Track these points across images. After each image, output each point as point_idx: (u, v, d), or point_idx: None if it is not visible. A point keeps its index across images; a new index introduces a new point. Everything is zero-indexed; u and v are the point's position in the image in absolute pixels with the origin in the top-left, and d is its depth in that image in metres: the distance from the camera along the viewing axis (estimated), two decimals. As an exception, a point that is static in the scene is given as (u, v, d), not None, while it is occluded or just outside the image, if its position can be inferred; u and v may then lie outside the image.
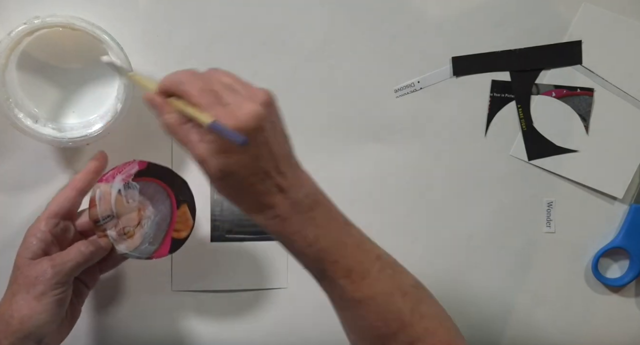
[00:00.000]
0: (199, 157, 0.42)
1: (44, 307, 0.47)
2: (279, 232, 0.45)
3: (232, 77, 0.45)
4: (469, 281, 0.71)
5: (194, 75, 0.45)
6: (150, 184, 0.54)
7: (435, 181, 0.70)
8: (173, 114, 0.43)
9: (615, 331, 0.74)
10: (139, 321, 0.66)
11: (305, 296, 0.68)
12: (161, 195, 0.55)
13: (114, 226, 0.52)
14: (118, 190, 0.52)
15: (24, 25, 0.55)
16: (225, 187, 0.44)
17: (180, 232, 0.55)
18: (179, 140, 0.43)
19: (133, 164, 0.53)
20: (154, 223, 0.54)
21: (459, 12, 0.68)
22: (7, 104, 0.56)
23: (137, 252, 0.54)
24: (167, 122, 0.43)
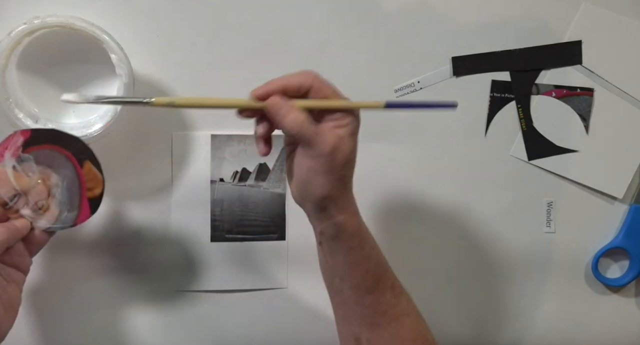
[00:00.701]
0: (335, 142, 0.46)
1: None
2: (357, 227, 0.49)
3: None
4: (469, 281, 0.71)
5: (304, 73, 0.48)
6: (43, 151, 0.51)
7: (435, 181, 0.70)
8: (303, 112, 0.46)
9: (615, 331, 0.74)
10: (139, 321, 0.66)
11: (305, 296, 0.68)
12: (59, 159, 0.51)
13: (25, 204, 0.50)
14: (12, 167, 0.50)
15: (24, 25, 0.55)
16: (345, 171, 0.47)
17: (94, 190, 0.52)
18: (310, 134, 0.45)
19: (16, 135, 0.50)
20: (65, 189, 0.52)
21: (459, 12, 0.68)
22: (7, 104, 0.56)
23: (59, 223, 0.51)
24: (300, 118, 0.45)
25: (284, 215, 0.67)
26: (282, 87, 0.46)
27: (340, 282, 0.50)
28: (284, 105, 0.46)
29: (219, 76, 0.66)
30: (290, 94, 0.47)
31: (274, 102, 0.46)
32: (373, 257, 0.50)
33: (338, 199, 0.48)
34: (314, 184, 0.47)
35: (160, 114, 0.65)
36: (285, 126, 0.46)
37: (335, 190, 0.47)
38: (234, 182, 0.67)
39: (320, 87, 0.47)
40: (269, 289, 0.68)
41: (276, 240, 0.68)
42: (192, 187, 0.66)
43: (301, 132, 0.45)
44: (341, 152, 0.46)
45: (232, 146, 0.66)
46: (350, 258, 0.49)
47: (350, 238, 0.49)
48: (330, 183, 0.47)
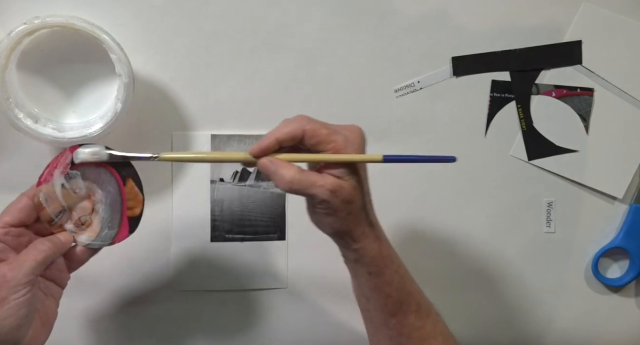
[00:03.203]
0: (332, 186, 0.46)
1: (8, 312, 0.45)
2: (378, 253, 0.49)
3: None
4: (469, 281, 0.71)
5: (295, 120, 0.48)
6: (90, 168, 0.51)
7: (435, 181, 0.70)
8: (294, 167, 0.46)
9: (615, 331, 0.74)
10: (139, 321, 0.66)
11: (305, 296, 0.68)
12: (104, 175, 0.52)
13: (69, 219, 0.51)
14: (61, 185, 0.50)
15: (24, 25, 0.55)
16: (353, 206, 0.47)
17: (134, 210, 0.53)
18: (304, 187, 0.46)
19: (65, 153, 0.51)
20: (107, 206, 0.52)
21: (459, 12, 0.68)
22: (7, 104, 0.56)
23: (99, 240, 0.51)
24: (288, 175, 0.46)
25: (284, 215, 0.67)
26: (274, 141, 0.47)
27: (367, 303, 0.51)
28: (271, 164, 0.47)
29: (219, 76, 0.66)
30: (286, 144, 0.47)
31: (262, 164, 0.47)
32: (395, 282, 0.50)
33: (352, 231, 0.48)
34: (323, 223, 0.48)
35: (160, 114, 0.65)
36: (277, 185, 0.47)
37: (346, 225, 0.48)
38: (234, 182, 0.67)
39: (313, 131, 0.47)
40: (269, 289, 0.68)
41: (276, 240, 0.68)
42: (192, 187, 0.66)
43: (293, 189, 0.46)
44: (341, 192, 0.46)
45: (232, 146, 0.66)
46: (370, 283, 0.50)
47: (369, 264, 0.49)
48: (338, 221, 0.47)
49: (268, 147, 0.47)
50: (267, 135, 0.47)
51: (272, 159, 0.47)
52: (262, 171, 0.47)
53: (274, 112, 0.67)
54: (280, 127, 0.47)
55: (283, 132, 0.47)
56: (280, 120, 0.66)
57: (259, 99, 0.66)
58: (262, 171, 0.47)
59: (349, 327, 0.69)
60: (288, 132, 0.47)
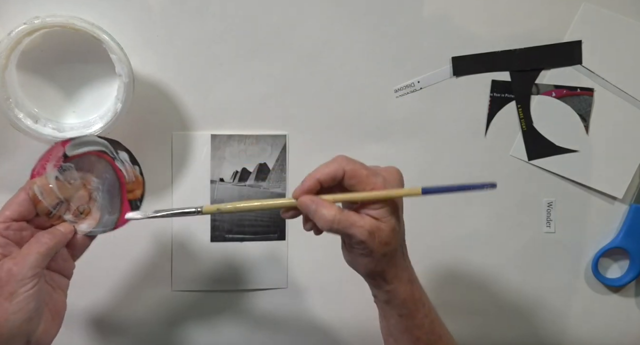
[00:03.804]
0: (370, 228, 0.46)
1: (17, 306, 0.45)
2: (410, 296, 0.49)
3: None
4: (469, 281, 0.71)
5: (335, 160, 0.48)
6: (84, 158, 0.52)
7: (436, 181, 0.70)
8: (333, 207, 0.46)
9: (615, 331, 0.74)
10: (139, 321, 0.66)
11: (305, 296, 0.68)
12: (99, 163, 0.52)
13: (67, 210, 0.51)
14: (55, 177, 0.50)
15: (24, 25, 0.55)
16: (389, 248, 0.47)
17: (134, 192, 0.53)
18: (343, 227, 0.46)
19: (57, 147, 0.51)
20: (105, 193, 0.52)
21: (459, 12, 0.68)
22: (7, 104, 0.56)
23: (100, 226, 0.52)
24: (330, 215, 0.46)
25: (284, 215, 0.67)
26: (315, 181, 0.47)
27: (395, 343, 0.51)
28: (311, 203, 0.47)
29: (219, 76, 0.66)
30: (327, 185, 0.47)
31: (301, 202, 0.47)
32: (425, 326, 0.50)
33: (385, 273, 0.48)
34: (358, 263, 0.48)
35: (160, 114, 0.65)
36: (317, 223, 0.47)
37: (380, 266, 0.48)
38: (234, 182, 0.67)
39: (353, 172, 0.47)
40: (269, 289, 0.68)
41: (276, 240, 0.68)
42: (192, 187, 0.66)
43: (333, 228, 0.46)
44: (379, 234, 0.46)
45: (232, 146, 0.66)
46: (401, 325, 0.50)
47: (401, 306, 0.49)
48: (373, 262, 0.47)
49: (310, 188, 0.47)
50: (308, 177, 0.47)
51: (313, 198, 0.47)
52: (303, 210, 0.47)
53: (274, 112, 0.67)
54: (320, 167, 0.47)
55: (324, 172, 0.47)
56: (279, 121, 0.67)
57: (259, 99, 0.66)
58: (303, 210, 0.47)
59: (349, 327, 0.69)
60: (329, 172, 0.47)
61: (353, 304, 0.68)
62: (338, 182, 0.47)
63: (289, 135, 0.67)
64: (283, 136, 0.67)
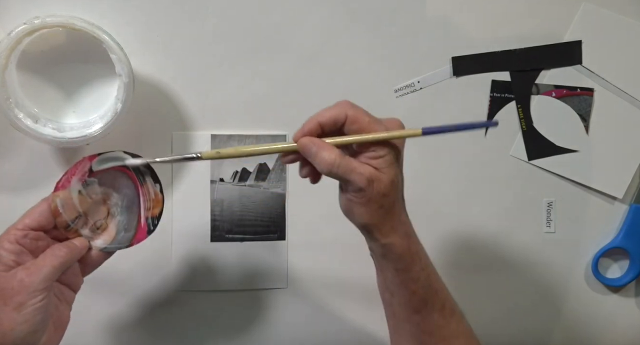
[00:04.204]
0: (370, 176, 0.45)
1: (24, 317, 0.45)
2: (406, 250, 0.48)
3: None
4: (469, 281, 0.71)
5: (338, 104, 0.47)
6: (107, 173, 0.51)
7: (436, 181, 0.70)
8: (334, 150, 0.45)
9: (615, 331, 0.74)
10: (139, 321, 0.66)
11: (305, 296, 0.68)
12: (121, 179, 0.52)
13: (84, 224, 0.51)
14: (78, 191, 0.50)
15: (24, 25, 0.55)
16: (387, 199, 0.46)
17: (153, 210, 0.53)
18: (343, 171, 0.45)
19: (84, 161, 0.51)
20: (124, 209, 0.52)
21: (459, 12, 0.68)
22: (7, 104, 0.56)
23: (115, 243, 0.51)
24: (330, 158, 0.45)
25: (284, 215, 0.67)
26: (316, 124, 0.46)
27: (391, 297, 0.51)
28: (312, 145, 0.46)
29: (219, 76, 0.66)
30: (327, 129, 0.47)
31: (302, 144, 0.46)
32: (422, 279, 0.49)
33: (381, 225, 0.48)
34: (354, 213, 0.48)
35: (160, 114, 0.65)
36: (317, 166, 0.46)
37: (376, 218, 0.47)
38: (234, 182, 0.67)
39: (355, 117, 0.46)
40: (269, 289, 0.68)
41: (276, 240, 0.68)
42: (192, 187, 0.66)
43: (333, 171, 0.45)
44: (378, 184, 0.46)
45: (232, 146, 0.66)
46: (397, 278, 0.49)
47: (397, 259, 0.48)
48: (369, 213, 0.47)
49: (310, 130, 0.46)
50: (310, 119, 0.46)
51: (314, 140, 0.46)
52: (303, 152, 0.46)
53: (274, 112, 0.67)
54: (322, 111, 0.47)
55: (326, 115, 0.46)
56: (279, 121, 0.67)
57: (259, 99, 0.66)
58: (303, 152, 0.46)
59: (349, 327, 0.69)
60: (330, 115, 0.46)
61: (353, 304, 0.68)
62: (339, 127, 0.47)
63: (289, 135, 0.67)
64: (283, 136, 0.67)
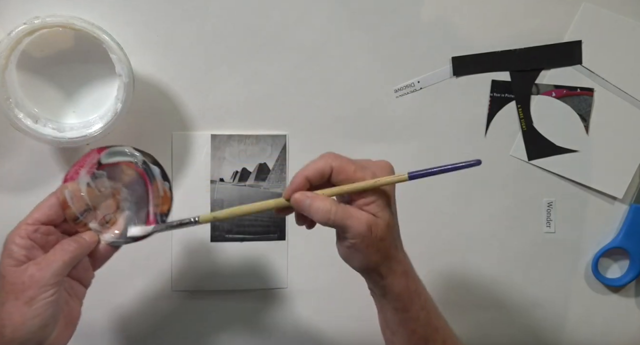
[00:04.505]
0: (367, 220, 0.46)
1: (35, 311, 0.45)
2: (405, 289, 0.49)
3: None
4: (469, 281, 0.71)
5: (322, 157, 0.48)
6: (116, 167, 0.52)
7: (435, 181, 0.70)
8: (329, 199, 0.47)
9: (615, 331, 0.74)
10: (139, 321, 0.66)
11: (305, 296, 0.68)
12: (131, 174, 0.52)
13: (93, 218, 0.51)
14: (87, 184, 0.50)
15: (24, 25, 0.55)
16: (384, 243, 0.47)
17: (162, 207, 0.53)
18: (341, 218, 0.46)
19: (92, 153, 0.51)
20: (133, 204, 0.52)
21: (459, 12, 0.68)
22: (7, 104, 0.56)
23: (123, 237, 0.51)
24: (325, 206, 0.46)
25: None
26: (304, 179, 0.47)
27: (392, 335, 0.51)
28: (305, 198, 0.47)
29: (219, 76, 0.66)
30: (316, 182, 0.47)
31: (295, 199, 0.47)
32: (421, 318, 0.50)
33: (379, 268, 0.48)
34: (353, 259, 0.48)
35: (160, 114, 0.65)
36: (313, 217, 0.47)
37: (375, 262, 0.48)
38: (234, 182, 0.67)
39: (341, 167, 0.47)
40: (269, 289, 0.68)
41: (276, 240, 0.68)
42: (192, 187, 0.66)
43: (331, 219, 0.46)
44: (376, 228, 0.46)
45: (232, 146, 0.66)
46: (396, 318, 0.50)
47: (395, 299, 0.49)
48: (368, 258, 0.47)
49: (299, 186, 0.47)
50: (296, 175, 0.48)
51: (307, 193, 0.47)
52: (297, 207, 0.48)
53: (274, 112, 0.67)
54: (308, 165, 0.48)
55: (312, 170, 0.47)
56: (279, 121, 0.67)
57: (259, 99, 0.66)
58: (297, 207, 0.48)
59: (349, 327, 0.69)
60: (316, 169, 0.47)
61: (353, 304, 0.68)
62: (326, 179, 0.47)
63: (289, 135, 0.67)
64: (283, 136, 0.67)
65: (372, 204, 0.47)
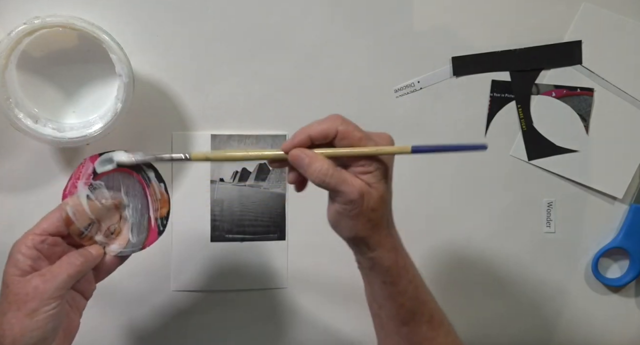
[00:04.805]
0: (361, 188, 0.46)
1: (36, 324, 0.45)
2: (394, 263, 0.48)
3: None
4: (469, 281, 0.71)
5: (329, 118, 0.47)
6: (112, 175, 0.51)
7: (435, 181, 0.70)
8: (326, 161, 0.46)
9: (615, 331, 0.74)
10: (139, 321, 0.66)
11: (305, 296, 0.68)
12: (128, 180, 0.51)
13: (98, 230, 0.50)
14: (86, 196, 0.50)
15: (24, 25, 0.55)
16: (376, 214, 0.47)
17: (161, 210, 0.53)
18: (336, 182, 0.45)
19: (86, 163, 0.51)
20: (135, 211, 0.52)
21: (459, 12, 0.68)
22: (7, 104, 0.56)
23: (129, 247, 0.51)
24: (323, 168, 0.45)
25: (284, 215, 0.67)
26: (307, 137, 0.47)
27: (379, 309, 0.51)
28: (305, 156, 0.46)
29: (219, 76, 0.66)
30: (317, 142, 0.47)
31: (294, 154, 0.47)
32: (409, 292, 0.49)
33: (368, 239, 0.48)
34: (342, 226, 0.48)
35: (160, 114, 0.65)
36: (309, 177, 0.46)
37: (364, 232, 0.47)
38: (234, 182, 0.67)
39: (347, 132, 0.46)
40: (269, 289, 0.68)
41: (276, 240, 0.68)
42: (192, 187, 0.66)
43: (325, 182, 0.46)
44: (369, 198, 0.46)
45: (232, 146, 0.66)
46: (384, 291, 0.49)
47: (385, 273, 0.49)
48: (357, 226, 0.47)
49: (300, 142, 0.47)
50: (300, 131, 0.47)
51: (307, 151, 0.46)
52: (294, 163, 0.47)
53: (274, 112, 0.67)
54: (314, 124, 0.47)
55: (316, 129, 0.46)
56: (279, 121, 0.67)
57: (259, 99, 0.66)
58: (294, 163, 0.47)
59: (349, 327, 0.69)
60: (321, 129, 0.46)
61: (353, 304, 0.68)
62: (329, 141, 0.47)
63: (289, 135, 0.67)
64: (283, 136, 0.67)
65: (368, 173, 0.46)
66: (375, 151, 0.46)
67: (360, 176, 0.46)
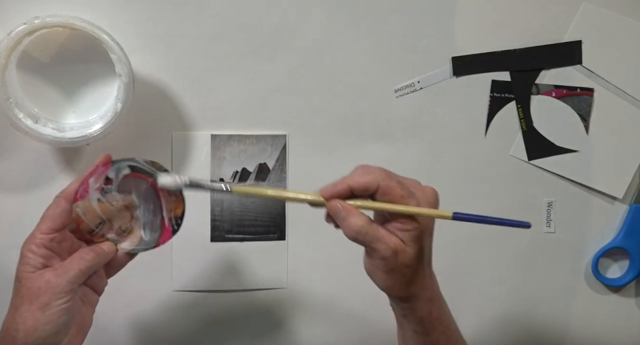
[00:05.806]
0: (395, 246, 0.45)
1: (49, 318, 0.46)
2: (427, 315, 0.48)
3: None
4: (469, 281, 0.71)
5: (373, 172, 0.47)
6: (125, 180, 0.52)
7: (435, 181, 0.70)
8: (362, 217, 0.45)
9: (615, 331, 0.74)
10: (139, 321, 0.66)
11: (305, 296, 0.68)
12: (139, 183, 0.52)
13: (109, 229, 0.52)
14: (97, 199, 0.51)
15: (24, 25, 0.55)
16: (409, 273, 0.46)
17: (176, 210, 0.53)
18: (369, 240, 0.45)
19: (98, 169, 0.51)
20: (147, 211, 0.52)
21: (459, 12, 0.68)
22: (7, 104, 0.56)
23: (142, 244, 0.52)
24: (357, 225, 0.45)
25: (284, 215, 0.67)
26: (347, 187, 0.46)
27: None
28: (342, 209, 0.46)
29: (219, 76, 0.66)
30: (357, 194, 0.46)
31: (331, 207, 0.46)
32: (441, 343, 0.49)
33: (402, 293, 0.47)
34: (376, 277, 0.47)
35: (160, 114, 0.65)
36: (343, 230, 0.46)
37: (398, 286, 0.47)
38: (234, 182, 0.67)
39: (388, 189, 0.45)
40: (269, 289, 0.68)
41: (276, 240, 0.68)
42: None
43: (359, 238, 0.45)
44: (403, 255, 0.45)
45: (232, 146, 0.66)
46: (415, 340, 0.49)
47: (416, 322, 0.48)
48: (391, 280, 0.47)
49: (340, 192, 0.46)
50: (341, 181, 0.46)
51: (344, 205, 0.46)
52: (332, 214, 0.47)
53: (274, 112, 0.67)
54: (356, 175, 0.46)
55: (358, 182, 0.46)
56: (279, 121, 0.67)
57: (259, 99, 0.66)
58: (332, 214, 0.47)
59: (349, 327, 0.69)
60: (363, 183, 0.46)
61: (353, 304, 0.68)
62: (369, 194, 0.46)
63: (289, 135, 0.67)
64: (283, 136, 0.67)
65: (406, 231, 0.46)
66: (413, 211, 0.46)
67: (397, 232, 0.46)
